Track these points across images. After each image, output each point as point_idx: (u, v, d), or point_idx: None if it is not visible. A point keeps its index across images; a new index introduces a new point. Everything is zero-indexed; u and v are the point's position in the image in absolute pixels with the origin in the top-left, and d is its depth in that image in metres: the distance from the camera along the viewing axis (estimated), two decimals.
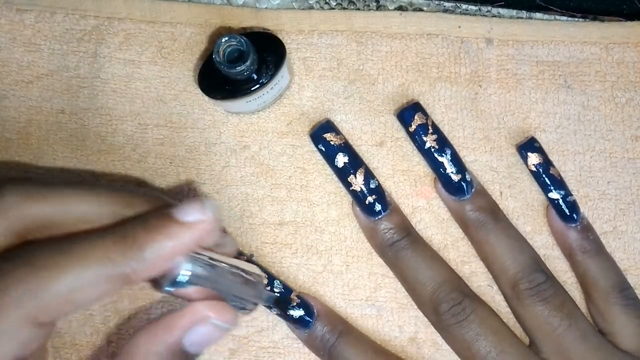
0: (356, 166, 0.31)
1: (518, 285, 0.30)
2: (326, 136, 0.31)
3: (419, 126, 0.31)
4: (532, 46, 0.33)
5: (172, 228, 0.25)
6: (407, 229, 0.31)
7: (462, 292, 0.30)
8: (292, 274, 0.32)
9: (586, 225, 0.31)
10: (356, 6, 0.34)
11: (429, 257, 0.31)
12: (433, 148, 0.31)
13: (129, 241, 0.24)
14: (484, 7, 0.34)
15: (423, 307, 0.31)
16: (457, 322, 0.30)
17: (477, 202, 0.31)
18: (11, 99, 0.33)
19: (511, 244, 0.31)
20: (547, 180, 0.31)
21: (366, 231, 0.32)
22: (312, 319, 0.31)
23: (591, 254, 0.31)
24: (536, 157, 0.31)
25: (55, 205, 0.25)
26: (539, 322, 0.30)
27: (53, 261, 0.23)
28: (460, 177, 0.31)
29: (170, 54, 0.33)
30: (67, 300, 0.23)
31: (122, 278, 0.24)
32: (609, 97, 0.33)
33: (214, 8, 0.34)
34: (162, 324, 0.25)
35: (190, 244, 0.25)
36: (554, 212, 0.31)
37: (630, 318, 0.30)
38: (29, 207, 0.24)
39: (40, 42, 0.34)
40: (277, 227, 0.33)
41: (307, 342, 0.31)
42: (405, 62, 0.33)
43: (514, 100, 0.33)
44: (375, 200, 0.31)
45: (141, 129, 0.33)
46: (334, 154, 0.31)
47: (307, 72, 0.33)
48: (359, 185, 0.31)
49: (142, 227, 0.25)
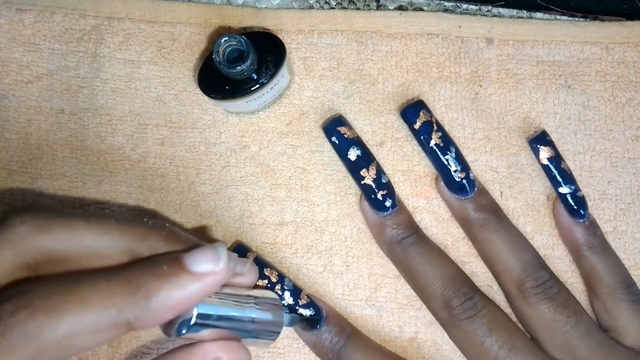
0: (368, 161, 0.31)
1: (524, 283, 0.30)
2: (340, 129, 0.31)
3: (424, 123, 0.31)
4: (533, 46, 0.33)
5: (182, 278, 0.23)
6: (414, 226, 0.32)
7: (472, 288, 0.30)
8: (292, 274, 0.32)
9: (592, 222, 0.31)
10: (356, 6, 0.34)
11: (437, 254, 0.31)
12: (437, 146, 0.31)
13: (134, 287, 0.23)
14: (484, 7, 0.34)
15: (432, 304, 0.31)
16: (469, 317, 0.29)
17: (479, 201, 0.31)
18: (11, 99, 0.33)
19: (514, 243, 0.31)
20: (558, 175, 0.31)
21: (374, 227, 0.32)
22: (321, 321, 0.30)
23: (598, 250, 0.31)
24: (548, 150, 0.31)
25: (66, 238, 0.24)
26: (545, 320, 0.30)
27: (54, 304, 0.22)
28: (464, 175, 0.31)
29: (170, 54, 0.33)
30: (65, 346, 0.22)
31: (127, 325, 0.23)
32: (610, 97, 0.33)
33: (214, 8, 0.34)
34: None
35: (199, 297, 0.24)
36: (562, 207, 0.31)
37: (637, 314, 0.30)
38: (39, 239, 0.24)
39: (40, 42, 0.34)
40: (277, 227, 0.33)
41: (314, 346, 0.31)
42: (406, 62, 0.33)
43: (514, 100, 0.33)
44: (386, 195, 0.31)
45: (141, 129, 0.33)
46: (347, 147, 0.31)
47: (307, 72, 0.33)
48: (370, 179, 0.31)
49: (150, 273, 0.23)
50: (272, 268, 0.31)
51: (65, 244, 0.24)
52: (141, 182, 0.33)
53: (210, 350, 0.24)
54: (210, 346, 0.24)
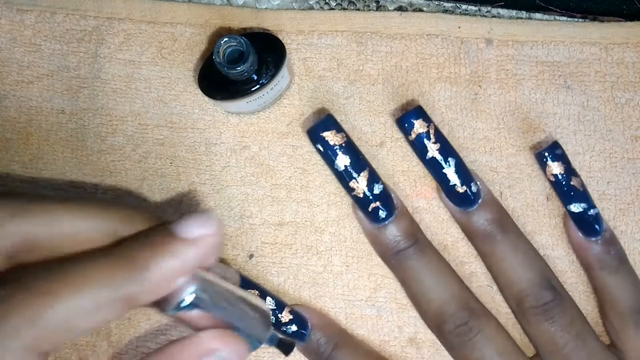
0: (359, 169, 0.29)
1: (523, 302, 0.29)
2: (325, 134, 0.29)
3: (419, 135, 0.29)
4: (532, 46, 0.33)
5: (176, 246, 0.23)
6: (413, 235, 0.30)
7: (469, 310, 0.29)
8: (292, 274, 0.32)
9: (609, 239, 0.30)
10: (356, 6, 0.34)
11: (435, 270, 0.30)
12: (435, 159, 0.29)
13: (129, 262, 0.22)
14: (483, 8, 0.34)
15: (427, 321, 0.30)
16: (462, 342, 0.28)
17: (483, 214, 0.30)
18: (11, 99, 0.33)
19: (518, 259, 0.29)
20: (567, 193, 0.29)
21: (369, 237, 0.31)
22: (306, 332, 0.30)
23: (610, 270, 0.29)
24: (557, 166, 0.29)
25: (44, 223, 0.23)
26: (545, 340, 0.29)
27: (52, 286, 0.21)
28: (466, 188, 0.29)
29: (170, 55, 0.33)
30: (67, 327, 0.21)
31: (125, 302, 0.22)
32: (609, 97, 0.33)
33: (214, 8, 0.34)
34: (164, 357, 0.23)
35: (196, 262, 0.23)
36: (573, 224, 0.30)
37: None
38: (16, 225, 0.22)
39: (41, 43, 0.34)
40: (277, 228, 0.33)
41: (304, 353, 0.31)
42: (405, 63, 0.33)
43: (514, 100, 0.33)
44: (380, 206, 0.29)
45: (141, 129, 0.33)
46: (333, 155, 0.29)
47: (307, 73, 0.33)
48: (361, 191, 0.29)
49: (143, 246, 0.23)
50: (253, 288, 0.30)
51: (44, 228, 0.23)
52: (141, 182, 0.33)
53: (206, 340, 0.23)
54: (205, 335, 0.23)
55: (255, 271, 0.32)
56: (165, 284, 0.23)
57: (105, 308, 0.22)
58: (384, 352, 0.32)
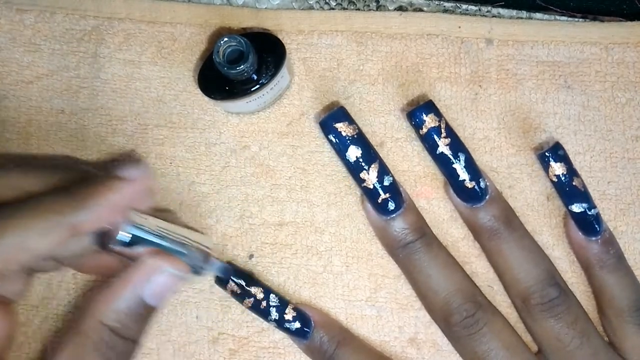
0: (370, 161, 0.29)
1: (529, 299, 0.29)
2: (338, 126, 0.29)
3: (430, 130, 0.29)
4: (532, 46, 0.33)
5: (114, 182, 0.27)
6: (421, 229, 0.30)
7: (476, 303, 0.29)
8: (292, 274, 0.32)
9: (608, 239, 0.30)
10: (356, 6, 0.34)
11: (442, 263, 0.30)
12: (444, 154, 0.29)
13: (76, 195, 0.26)
14: (484, 7, 0.34)
15: (434, 314, 0.30)
16: (469, 334, 0.29)
17: (490, 210, 0.30)
18: (11, 99, 0.33)
19: (525, 256, 0.30)
20: (568, 193, 0.29)
21: (377, 230, 0.31)
22: (309, 330, 0.30)
23: (609, 269, 0.30)
24: (560, 167, 0.29)
25: None
26: (549, 337, 0.29)
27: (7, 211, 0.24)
28: (474, 184, 0.29)
29: (170, 54, 0.33)
30: (21, 248, 0.24)
31: (70, 228, 0.25)
32: (609, 97, 0.33)
33: (214, 8, 0.34)
34: (116, 282, 0.26)
35: (131, 197, 0.27)
36: (573, 224, 0.30)
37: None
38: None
39: (40, 42, 0.34)
40: (277, 228, 0.33)
41: (307, 352, 0.31)
42: (405, 63, 0.33)
43: (514, 100, 0.33)
44: (389, 198, 0.29)
45: (141, 129, 0.33)
46: (345, 146, 0.29)
47: (307, 73, 0.33)
48: (371, 182, 0.29)
49: (84, 183, 0.26)
50: (257, 285, 0.31)
51: None
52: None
53: (150, 261, 0.27)
54: (150, 258, 0.27)
55: (256, 271, 0.32)
56: (106, 214, 0.26)
57: (53, 232, 0.25)
58: (385, 353, 0.32)
